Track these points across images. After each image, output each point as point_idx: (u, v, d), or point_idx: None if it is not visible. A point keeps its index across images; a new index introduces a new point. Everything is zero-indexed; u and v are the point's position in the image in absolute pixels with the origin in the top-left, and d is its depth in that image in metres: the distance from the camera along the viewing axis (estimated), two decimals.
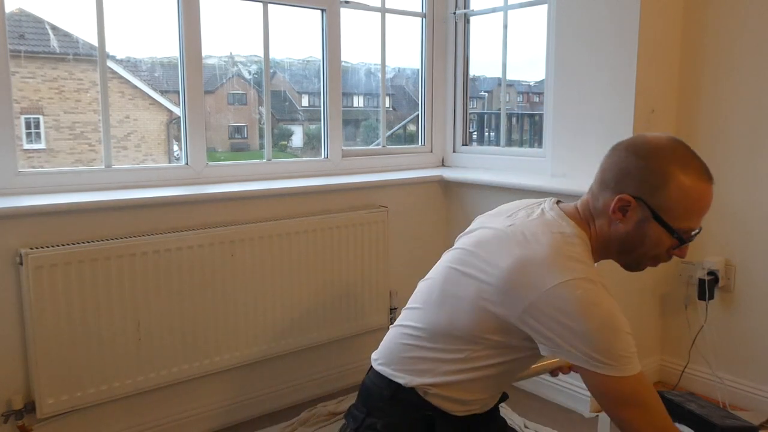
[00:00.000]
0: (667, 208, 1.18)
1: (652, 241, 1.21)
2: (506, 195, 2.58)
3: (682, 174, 1.17)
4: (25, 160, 2.13)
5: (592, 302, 1.13)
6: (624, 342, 1.15)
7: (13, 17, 2.01)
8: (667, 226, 1.18)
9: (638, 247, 1.23)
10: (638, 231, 1.21)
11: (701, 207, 1.21)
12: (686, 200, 1.18)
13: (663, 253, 1.23)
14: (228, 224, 2.20)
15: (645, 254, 1.24)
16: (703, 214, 1.21)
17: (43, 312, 1.83)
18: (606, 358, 1.13)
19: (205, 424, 2.24)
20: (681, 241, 1.20)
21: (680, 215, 1.18)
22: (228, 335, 2.20)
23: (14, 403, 1.86)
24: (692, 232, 1.22)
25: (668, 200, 1.17)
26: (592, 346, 1.12)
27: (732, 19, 2.32)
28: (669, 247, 1.22)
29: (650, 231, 1.20)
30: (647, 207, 1.18)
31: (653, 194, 1.18)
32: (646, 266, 1.28)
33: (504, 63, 2.92)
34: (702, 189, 1.19)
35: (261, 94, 2.59)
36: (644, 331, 2.59)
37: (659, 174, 1.17)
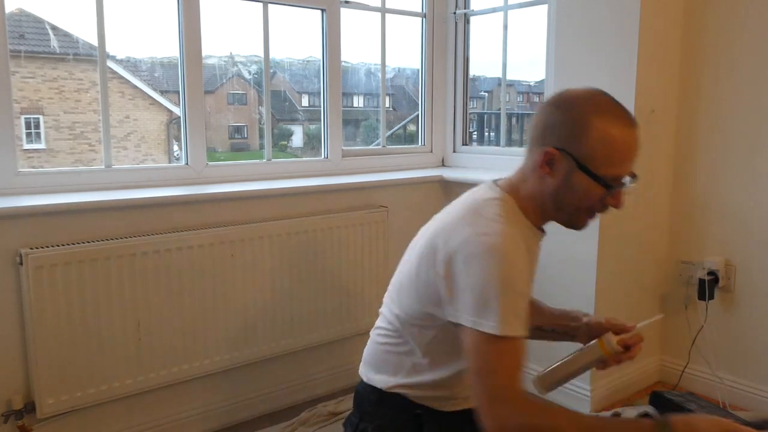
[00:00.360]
0: (589, 156, 1.17)
1: (581, 193, 1.20)
2: None
3: (601, 120, 1.16)
4: (25, 160, 2.13)
5: (490, 255, 1.13)
6: (506, 300, 1.12)
7: (13, 17, 2.00)
8: (591, 174, 1.17)
9: (570, 200, 1.22)
10: (567, 183, 1.20)
11: (623, 152, 1.18)
12: (607, 146, 1.16)
13: (596, 204, 1.22)
14: (228, 224, 2.20)
15: (578, 207, 1.22)
16: (628, 160, 1.19)
17: (43, 312, 1.83)
18: (483, 310, 1.11)
19: (205, 424, 2.24)
20: (607, 187, 1.18)
21: (604, 162, 1.17)
22: (228, 335, 2.20)
23: (14, 403, 1.86)
24: (620, 179, 1.20)
25: (589, 148, 1.17)
26: (475, 297, 1.12)
27: (732, 19, 2.32)
28: (600, 197, 1.20)
29: (577, 182, 1.19)
30: (571, 157, 1.18)
31: (575, 144, 1.18)
32: (585, 221, 1.26)
33: (504, 63, 2.92)
34: (622, 133, 1.17)
35: (261, 94, 2.59)
36: (644, 330, 2.59)
37: (579, 123, 1.17)
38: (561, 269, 2.42)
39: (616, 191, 1.20)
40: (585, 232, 2.33)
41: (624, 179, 1.20)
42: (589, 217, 1.25)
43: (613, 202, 1.21)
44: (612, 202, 1.21)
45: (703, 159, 2.44)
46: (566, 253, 2.39)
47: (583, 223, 1.26)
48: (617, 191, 1.20)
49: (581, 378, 2.39)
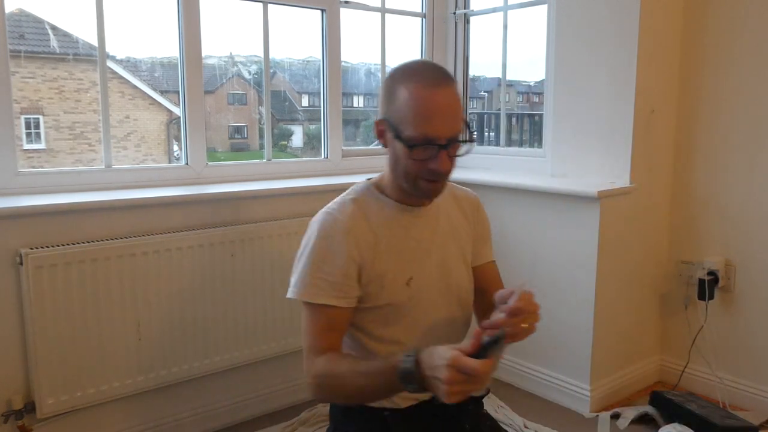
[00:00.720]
0: (398, 120, 1.22)
1: (402, 157, 1.24)
2: (506, 195, 2.58)
3: (406, 84, 1.21)
4: (25, 160, 2.13)
5: (311, 226, 1.31)
6: (303, 265, 1.27)
7: (13, 17, 2.00)
8: (399, 136, 1.22)
9: (400, 167, 1.26)
10: (393, 150, 1.27)
11: (424, 111, 1.20)
12: (408, 107, 1.20)
13: (420, 168, 1.23)
14: (228, 224, 2.20)
15: (408, 172, 1.25)
16: (429, 119, 1.20)
17: (43, 312, 1.83)
18: (292, 277, 1.29)
19: (205, 424, 2.24)
20: (409, 147, 1.21)
21: (408, 123, 1.20)
22: (228, 335, 2.20)
23: (14, 403, 1.86)
24: (424, 139, 1.20)
25: (397, 111, 1.22)
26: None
27: (732, 19, 2.32)
28: (418, 160, 1.23)
29: (397, 147, 1.25)
30: (389, 124, 1.25)
31: (389, 110, 1.24)
32: (423, 188, 1.27)
33: (504, 63, 2.92)
34: (422, 94, 1.20)
35: (261, 94, 2.59)
36: (644, 331, 2.60)
37: (390, 89, 1.24)
38: (561, 269, 2.42)
39: (440, 156, 1.21)
40: (585, 232, 2.34)
41: (432, 139, 1.20)
42: (427, 182, 1.26)
43: (434, 165, 1.22)
44: (434, 165, 1.22)
45: (703, 159, 2.44)
46: (566, 253, 2.39)
47: (423, 191, 1.28)
48: (440, 156, 1.21)
49: (581, 378, 2.40)
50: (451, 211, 1.43)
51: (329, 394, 1.26)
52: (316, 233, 1.28)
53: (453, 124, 1.22)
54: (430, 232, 1.37)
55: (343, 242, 1.26)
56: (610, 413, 2.33)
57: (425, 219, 1.37)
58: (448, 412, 1.35)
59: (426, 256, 1.34)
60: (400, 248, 1.32)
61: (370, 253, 1.29)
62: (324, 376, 1.22)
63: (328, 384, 1.22)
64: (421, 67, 1.26)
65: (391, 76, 1.27)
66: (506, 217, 2.58)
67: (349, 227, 1.28)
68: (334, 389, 1.23)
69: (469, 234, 1.44)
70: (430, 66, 1.27)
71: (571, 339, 2.41)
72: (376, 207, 1.34)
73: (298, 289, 1.26)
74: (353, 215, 1.30)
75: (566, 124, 2.51)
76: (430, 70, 1.24)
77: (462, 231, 1.43)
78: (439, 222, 1.39)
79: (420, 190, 1.28)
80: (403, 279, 1.31)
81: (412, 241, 1.34)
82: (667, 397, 2.29)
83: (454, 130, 1.22)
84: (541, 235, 2.47)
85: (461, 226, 1.43)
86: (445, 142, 1.21)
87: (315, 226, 1.30)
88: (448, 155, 1.23)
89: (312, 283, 1.25)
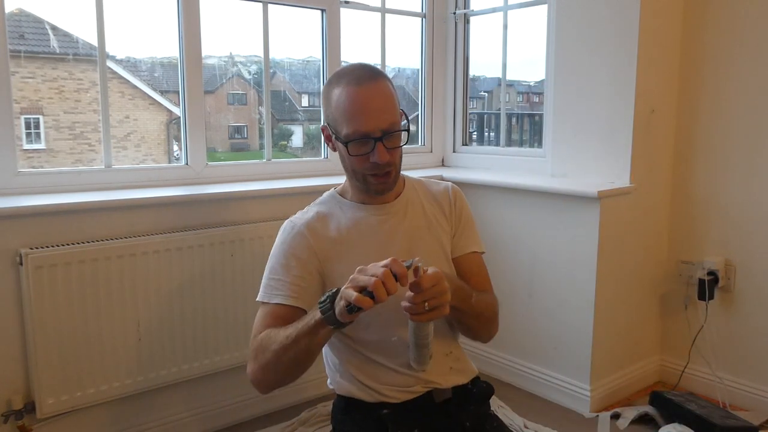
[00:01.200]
0: (335, 121, 1.29)
1: (345, 156, 1.30)
2: (506, 195, 2.58)
3: (336, 86, 1.28)
4: (25, 160, 2.13)
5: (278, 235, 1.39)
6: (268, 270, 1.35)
7: (13, 17, 2.00)
8: (338, 136, 1.29)
9: (347, 166, 1.33)
10: (339, 152, 1.34)
11: (354, 108, 1.25)
12: (341, 108, 1.27)
13: (363, 164, 1.29)
14: (228, 224, 2.20)
15: (355, 171, 1.32)
16: (360, 114, 1.25)
17: (43, 312, 1.83)
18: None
19: (205, 424, 2.24)
20: (345, 144, 1.27)
21: (343, 122, 1.27)
22: (228, 335, 2.20)
23: (14, 403, 1.86)
24: (357, 134, 1.25)
25: (334, 113, 1.29)
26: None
27: (732, 18, 2.32)
28: (358, 156, 1.28)
29: (340, 147, 1.32)
30: (330, 127, 1.32)
31: (327, 115, 1.32)
32: (372, 183, 1.32)
33: (504, 63, 2.92)
34: (349, 92, 1.26)
35: (261, 94, 2.59)
36: (644, 331, 2.60)
37: (327, 94, 1.31)
38: (561, 269, 2.42)
39: (377, 149, 1.26)
40: (585, 232, 2.34)
41: (365, 134, 1.26)
42: (375, 178, 1.31)
43: (373, 158, 1.27)
44: (374, 158, 1.27)
45: (703, 159, 2.44)
46: (566, 253, 2.39)
47: (373, 186, 1.33)
48: (378, 148, 1.26)
49: (581, 378, 2.40)
50: (427, 206, 1.44)
51: (263, 361, 1.24)
52: (277, 239, 1.38)
53: (386, 117, 1.26)
54: (398, 227, 1.38)
55: (300, 246, 1.33)
56: (610, 413, 2.33)
57: (391, 215, 1.39)
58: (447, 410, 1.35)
59: (395, 251, 1.34)
60: (366, 246, 1.34)
61: (334, 255, 1.33)
62: (258, 346, 1.25)
63: (260, 349, 1.24)
64: (351, 68, 1.33)
65: (327, 82, 1.34)
66: (506, 217, 2.58)
67: (305, 232, 1.34)
68: (264, 351, 1.23)
69: (446, 226, 1.45)
70: (359, 66, 1.33)
71: (571, 339, 2.41)
72: (338, 210, 1.39)
73: (260, 292, 1.35)
74: (313, 220, 1.37)
75: (566, 124, 2.51)
76: (359, 69, 1.30)
77: (439, 224, 1.44)
78: (407, 217, 1.40)
79: (370, 186, 1.33)
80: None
81: (378, 238, 1.36)
82: (667, 397, 2.29)
83: (387, 122, 1.26)
84: (541, 235, 2.47)
85: (438, 219, 1.44)
86: (380, 134, 1.26)
87: (278, 234, 1.39)
88: (385, 147, 1.27)
89: (267, 284, 1.33)
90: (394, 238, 1.37)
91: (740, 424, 2.14)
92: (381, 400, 1.33)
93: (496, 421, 1.45)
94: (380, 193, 1.36)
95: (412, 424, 1.32)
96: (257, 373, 1.26)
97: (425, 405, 1.34)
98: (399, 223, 1.39)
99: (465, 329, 1.41)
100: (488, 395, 1.43)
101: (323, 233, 1.35)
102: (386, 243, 1.36)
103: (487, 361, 2.70)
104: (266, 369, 1.24)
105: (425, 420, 1.33)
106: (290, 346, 1.18)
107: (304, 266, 1.32)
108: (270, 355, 1.21)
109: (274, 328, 1.25)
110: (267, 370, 1.24)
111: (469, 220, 1.49)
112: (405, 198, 1.42)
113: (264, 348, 1.23)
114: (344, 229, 1.36)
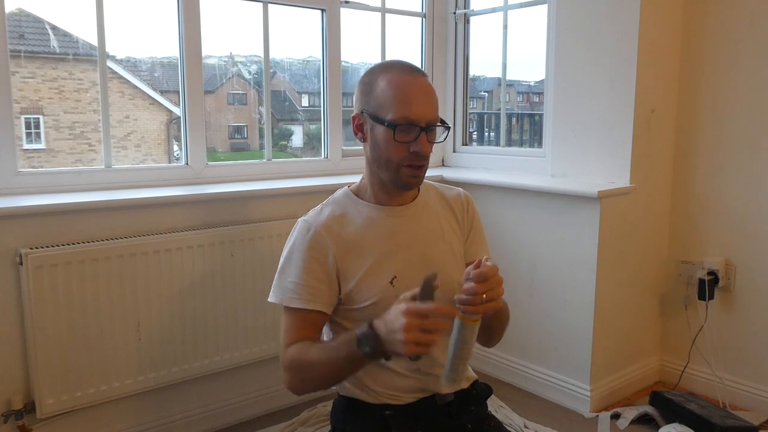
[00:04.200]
0: (378, 107, 1.28)
1: (383, 143, 1.29)
2: (506, 195, 2.58)
3: (384, 75, 1.30)
4: (25, 160, 2.13)
5: (290, 233, 1.37)
6: (285, 271, 1.34)
7: (13, 17, 2.00)
8: (380, 120, 1.28)
9: (381, 154, 1.30)
10: (374, 140, 1.31)
11: (403, 94, 1.27)
12: (387, 92, 1.27)
13: (403, 152, 1.28)
14: (228, 224, 2.20)
15: (390, 160, 1.29)
16: (410, 102, 1.27)
17: (43, 312, 1.83)
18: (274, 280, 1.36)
19: (205, 424, 2.24)
20: (393, 128, 1.26)
21: (389, 107, 1.27)
22: (228, 335, 2.20)
23: (14, 403, 1.86)
24: (406, 120, 1.26)
25: (377, 99, 1.29)
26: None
27: (732, 19, 2.32)
28: (401, 144, 1.27)
29: (378, 134, 1.30)
30: (368, 114, 1.31)
31: (368, 102, 1.31)
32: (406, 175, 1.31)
33: (504, 63, 2.92)
34: (400, 79, 1.28)
35: (261, 94, 2.59)
36: (644, 331, 2.60)
37: (368, 83, 1.32)
38: (561, 269, 2.42)
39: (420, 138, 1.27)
40: (585, 232, 2.34)
41: (413, 121, 1.26)
42: (408, 168, 1.30)
43: (416, 147, 1.27)
44: (416, 147, 1.27)
45: (703, 159, 2.44)
46: (566, 253, 2.39)
47: (405, 177, 1.32)
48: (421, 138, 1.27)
49: (581, 378, 2.40)
50: (440, 211, 1.44)
51: (300, 376, 1.28)
52: (291, 241, 1.36)
53: (431, 109, 1.28)
54: (413, 230, 1.38)
55: (318, 248, 1.32)
56: (610, 413, 2.33)
57: (407, 218, 1.38)
58: (450, 411, 1.35)
59: (410, 254, 1.35)
60: (381, 248, 1.34)
61: (349, 256, 1.32)
62: (294, 360, 1.26)
63: (297, 366, 1.26)
64: (397, 61, 1.35)
65: (368, 72, 1.34)
66: (506, 217, 2.58)
67: (322, 233, 1.32)
68: (303, 370, 1.26)
69: (459, 232, 1.45)
70: (406, 61, 1.35)
71: (571, 339, 2.41)
72: (353, 210, 1.38)
73: (277, 294, 1.34)
74: (328, 221, 1.35)
75: (566, 124, 2.51)
76: (406, 64, 1.33)
77: (452, 229, 1.43)
78: (422, 221, 1.40)
79: (402, 177, 1.31)
80: (386, 279, 1.32)
81: (394, 240, 1.35)
82: (667, 397, 2.29)
83: (432, 114, 1.28)
84: (541, 235, 2.47)
85: (451, 224, 1.44)
86: (424, 124, 1.27)
87: (292, 234, 1.37)
88: (428, 139, 1.28)
89: (288, 288, 1.32)
90: (409, 242, 1.36)
91: (740, 424, 2.14)
92: (384, 402, 1.34)
93: (494, 420, 1.45)
94: (409, 187, 1.35)
95: (416, 424, 1.32)
96: (296, 385, 1.31)
97: (428, 406, 1.34)
98: (414, 226, 1.38)
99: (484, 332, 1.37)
100: (487, 396, 1.44)
101: (339, 234, 1.34)
102: (401, 247, 1.35)
103: (487, 361, 2.70)
104: (306, 383, 1.30)
105: (428, 421, 1.33)
106: (332, 372, 1.25)
107: (324, 268, 1.32)
108: (310, 375, 1.27)
109: (308, 343, 1.28)
110: (306, 384, 1.31)
111: (480, 228, 1.50)
112: (421, 200, 1.42)
113: (301, 367, 1.26)
114: (359, 230, 1.35)
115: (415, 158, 1.28)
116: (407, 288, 1.32)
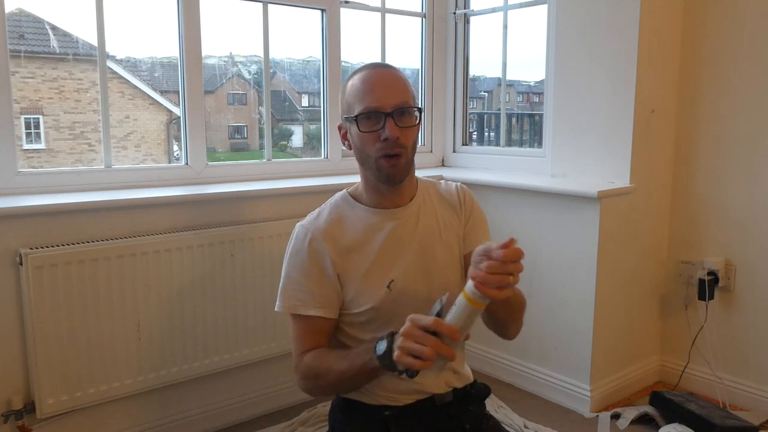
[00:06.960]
0: (348, 109, 1.32)
1: (358, 140, 1.32)
2: (506, 195, 2.58)
3: (351, 79, 1.34)
4: (25, 160, 2.13)
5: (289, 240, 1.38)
6: (283, 278, 1.36)
7: (13, 17, 2.00)
8: (352, 120, 1.31)
9: (360, 153, 1.33)
10: (353, 141, 1.35)
11: (365, 88, 1.29)
12: (352, 92, 1.31)
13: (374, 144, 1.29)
14: (228, 224, 2.20)
15: (368, 154, 1.31)
16: (371, 92, 1.28)
17: (43, 312, 1.83)
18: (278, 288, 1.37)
19: (205, 424, 2.24)
20: (356, 120, 1.29)
21: (355, 104, 1.30)
22: (228, 335, 2.20)
23: (14, 403, 1.86)
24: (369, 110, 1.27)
25: (347, 102, 1.33)
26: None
27: (732, 19, 2.32)
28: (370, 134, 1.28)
29: (353, 133, 1.33)
30: (345, 119, 1.35)
31: (343, 107, 1.36)
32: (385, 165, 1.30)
33: (504, 63, 2.92)
34: (363, 76, 1.31)
35: (261, 94, 2.59)
36: (644, 331, 2.59)
37: (342, 91, 1.36)
38: (561, 269, 2.42)
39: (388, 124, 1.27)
40: (585, 232, 2.34)
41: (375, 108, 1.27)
42: (385, 159, 1.30)
43: (384, 134, 1.28)
44: (384, 134, 1.28)
45: (703, 159, 2.44)
46: (566, 253, 2.39)
47: (384, 169, 1.31)
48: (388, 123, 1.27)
49: (581, 378, 2.40)
50: (438, 209, 1.43)
51: (315, 383, 1.30)
52: (290, 247, 1.36)
53: (396, 94, 1.28)
54: (410, 233, 1.37)
55: (318, 254, 1.32)
56: (610, 413, 2.33)
57: (403, 221, 1.37)
58: (448, 412, 1.35)
59: (407, 257, 1.35)
60: (378, 253, 1.34)
61: (346, 260, 1.32)
62: (310, 368, 1.28)
63: (314, 374, 1.28)
64: (365, 65, 1.37)
65: (343, 83, 1.38)
66: (506, 217, 2.58)
67: (319, 239, 1.32)
68: (319, 377, 1.27)
69: (457, 225, 1.43)
70: (375, 62, 1.41)
71: (571, 339, 2.41)
72: (351, 214, 1.37)
73: (281, 302, 1.35)
74: (326, 225, 1.35)
75: (566, 124, 2.51)
76: (372, 63, 1.38)
77: (451, 226, 1.42)
78: (419, 222, 1.39)
79: (382, 170, 1.31)
80: (383, 282, 1.32)
81: (390, 243, 1.35)
82: (667, 397, 2.29)
83: (398, 98, 1.28)
84: (541, 235, 2.47)
85: (450, 223, 1.43)
86: (390, 110, 1.27)
87: (290, 241, 1.37)
88: (396, 124, 1.27)
89: (291, 295, 1.33)
90: (407, 246, 1.36)
91: (740, 424, 2.14)
92: (382, 403, 1.34)
93: (492, 420, 1.46)
94: (393, 180, 1.31)
95: (414, 425, 1.32)
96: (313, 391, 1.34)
97: (426, 407, 1.34)
98: (412, 229, 1.37)
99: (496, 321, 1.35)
100: (485, 396, 1.44)
101: (337, 239, 1.34)
102: (399, 251, 1.35)
103: (487, 361, 2.70)
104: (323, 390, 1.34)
105: (427, 421, 1.33)
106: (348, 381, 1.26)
107: (324, 273, 1.32)
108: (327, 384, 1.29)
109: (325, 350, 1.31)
110: (324, 391, 1.35)
111: (481, 218, 1.47)
112: (418, 201, 1.41)
113: (317, 375, 1.28)
114: (357, 235, 1.34)
115: (388, 147, 1.27)
116: (404, 292, 1.32)
